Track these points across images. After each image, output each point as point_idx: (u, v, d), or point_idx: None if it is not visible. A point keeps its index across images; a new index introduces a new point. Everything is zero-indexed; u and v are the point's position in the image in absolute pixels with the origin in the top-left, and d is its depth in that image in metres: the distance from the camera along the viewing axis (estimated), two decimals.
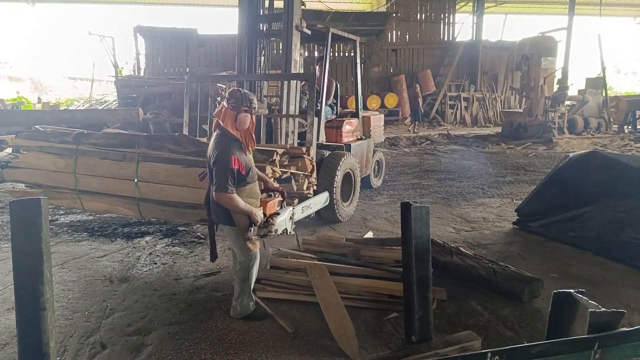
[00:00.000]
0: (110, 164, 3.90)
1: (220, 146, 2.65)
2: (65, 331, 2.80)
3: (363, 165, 6.20)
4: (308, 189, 4.13)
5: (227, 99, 2.70)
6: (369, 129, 6.54)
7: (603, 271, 3.68)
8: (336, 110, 6.15)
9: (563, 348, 1.20)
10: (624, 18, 25.69)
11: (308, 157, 4.10)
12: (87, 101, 21.05)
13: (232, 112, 2.68)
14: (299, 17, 4.90)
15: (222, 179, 2.60)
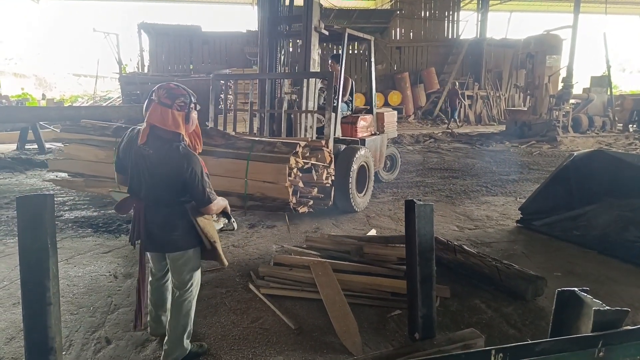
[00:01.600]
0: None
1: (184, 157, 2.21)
2: (71, 326, 2.82)
3: (377, 159, 6.46)
4: (327, 178, 4.43)
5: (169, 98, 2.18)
6: (383, 125, 6.82)
7: (607, 270, 3.68)
8: (352, 107, 6.39)
9: (567, 346, 1.20)
10: (629, 16, 25.51)
11: (327, 150, 4.42)
12: (91, 98, 21.13)
13: (180, 112, 2.20)
14: (317, 19, 5.15)
15: (206, 189, 2.28)
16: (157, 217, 2.29)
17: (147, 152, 2.21)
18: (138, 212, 2.31)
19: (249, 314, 2.97)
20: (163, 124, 2.18)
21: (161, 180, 2.23)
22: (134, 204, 2.32)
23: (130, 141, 2.31)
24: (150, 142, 2.21)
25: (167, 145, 2.21)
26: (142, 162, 2.24)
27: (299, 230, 4.75)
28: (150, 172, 2.23)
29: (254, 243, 4.38)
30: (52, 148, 11.13)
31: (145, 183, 2.26)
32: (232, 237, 4.55)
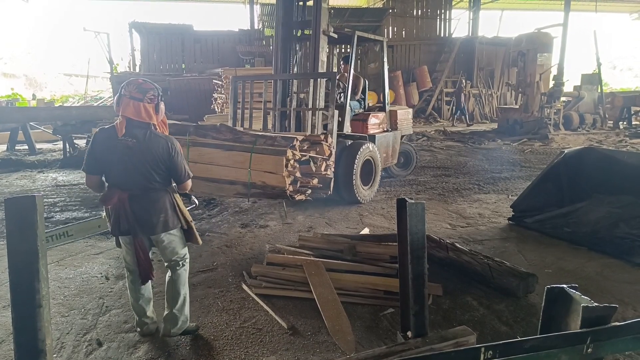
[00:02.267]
0: None
1: (165, 138, 2.50)
2: (62, 328, 2.80)
3: (389, 154, 6.77)
4: (326, 170, 4.75)
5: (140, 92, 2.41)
6: (396, 122, 7.01)
7: (597, 266, 3.71)
8: (364, 105, 6.73)
9: (556, 342, 1.21)
10: (619, 14, 25.74)
11: (326, 144, 4.70)
12: (82, 97, 20.96)
13: (151, 104, 2.45)
14: (326, 23, 5.49)
15: (185, 166, 2.58)
16: (144, 202, 2.48)
17: (131, 142, 2.41)
18: (123, 203, 2.45)
19: (241, 314, 2.97)
20: (137, 116, 2.41)
21: (150, 165, 2.44)
22: (117, 195, 2.45)
23: (106, 140, 2.45)
24: (129, 134, 2.41)
25: (148, 132, 2.45)
26: (128, 153, 2.40)
27: (292, 230, 4.75)
28: (138, 160, 2.42)
29: (247, 243, 4.37)
30: (43, 149, 11.03)
31: (133, 172, 2.43)
32: (225, 236, 4.55)
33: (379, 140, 6.34)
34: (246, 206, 5.75)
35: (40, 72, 31.98)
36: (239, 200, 6.05)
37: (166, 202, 2.54)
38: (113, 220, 2.52)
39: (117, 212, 2.48)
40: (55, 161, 9.29)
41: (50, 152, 10.60)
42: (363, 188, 5.83)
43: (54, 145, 11.62)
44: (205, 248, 4.21)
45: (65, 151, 9.40)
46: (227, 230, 4.76)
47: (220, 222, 5.06)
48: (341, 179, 5.55)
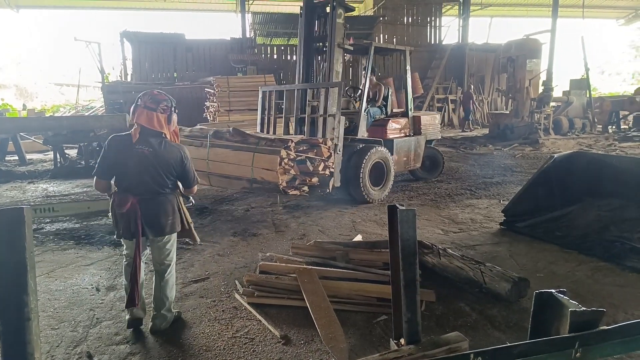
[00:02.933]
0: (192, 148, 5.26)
1: (178, 147, 2.76)
2: (52, 341, 2.77)
3: (410, 158, 7.10)
4: (324, 170, 5.25)
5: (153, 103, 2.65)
6: (420, 127, 7.25)
7: (588, 270, 3.74)
8: (385, 111, 7.08)
9: (544, 347, 1.21)
10: (606, 20, 26.14)
11: (325, 146, 5.23)
12: (73, 107, 20.85)
13: (163, 114, 2.67)
14: (341, 37, 5.96)
15: (194, 173, 2.88)
16: (154, 206, 2.68)
17: (147, 151, 2.62)
18: (134, 207, 2.62)
19: (234, 323, 2.95)
20: (149, 125, 2.62)
21: (163, 171, 2.65)
22: (130, 200, 2.62)
23: (120, 147, 2.65)
24: (143, 142, 2.62)
25: (163, 142, 2.67)
26: (143, 160, 2.61)
27: (284, 238, 4.74)
28: (153, 167, 2.62)
29: (239, 251, 4.35)
30: (33, 159, 10.94)
31: (146, 178, 2.63)
32: (217, 245, 4.52)
33: (397, 144, 6.74)
34: (238, 214, 5.74)
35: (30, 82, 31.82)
36: (231, 209, 6.04)
37: (173, 205, 2.76)
38: (124, 224, 2.67)
39: (127, 216, 2.63)
40: (45, 172, 9.21)
41: (41, 163, 10.52)
42: (372, 188, 6.20)
43: (45, 156, 11.53)
44: (198, 257, 4.18)
45: (56, 161, 9.33)
46: (219, 239, 4.74)
47: (213, 230, 5.04)
48: (351, 179, 6.00)
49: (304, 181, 5.12)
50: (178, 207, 2.81)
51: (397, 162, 6.79)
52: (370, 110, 6.81)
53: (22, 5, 19.34)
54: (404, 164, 7.04)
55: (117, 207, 2.64)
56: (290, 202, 6.37)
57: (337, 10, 5.86)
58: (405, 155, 6.98)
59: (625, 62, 37.37)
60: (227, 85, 10.75)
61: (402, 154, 6.92)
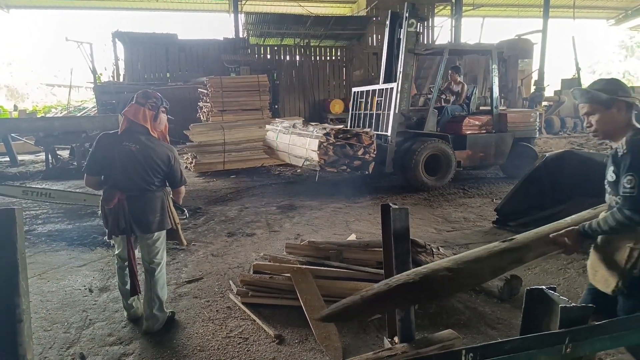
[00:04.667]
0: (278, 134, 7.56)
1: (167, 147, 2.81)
2: (45, 342, 2.75)
3: (489, 154, 7.46)
4: (364, 155, 6.38)
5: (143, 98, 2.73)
6: (506, 124, 7.46)
7: (579, 267, 3.77)
8: (467, 109, 7.60)
9: (535, 343, 1.23)
10: (596, 20, 26.37)
11: (367, 135, 6.40)
12: (65, 108, 20.69)
13: (151, 111, 2.73)
14: (412, 44, 6.82)
15: (182, 173, 2.91)
16: (141, 203, 2.70)
17: (134, 148, 2.65)
18: (122, 203, 2.66)
19: (228, 323, 2.95)
20: (135, 118, 2.68)
21: (150, 169, 2.68)
22: (117, 196, 2.65)
23: (109, 144, 2.69)
24: (131, 139, 2.67)
25: (149, 139, 2.70)
26: (130, 157, 2.64)
27: (279, 238, 4.74)
28: (140, 164, 2.65)
29: (233, 252, 4.35)
30: (25, 160, 10.85)
31: (133, 175, 2.65)
32: (211, 246, 4.52)
33: (471, 140, 7.27)
34: (232, 215, 5.73)
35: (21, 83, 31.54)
36: (225, 209, 6.03)
37: (160, 203, 2.77)
38: (112, 220, 2.69)
39: (116, 212, 2.67)
40: (37, 173, 9.14)
41: (33, 164, 10.42)
42: (427, 177, 6.88)
43: (36, 157, 11.43)
44: (191, 258, 4.18)
45: (48, 163, 9.26)
46: (213, 239, 4.73)
47: (207, 231, 5.03)
48: (407, 167, 6.81)
49: (348, 163, 6.35)
50: (166, 205, 2.83)
51: (469, 157, 7.30)
52: (448, 107, 7.49)
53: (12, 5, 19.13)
54: (479, 160, 7.43)
55: (105, 203, 2.68)
56: (284, 202, 6.38)
57: (409, 20, 6.72)
58: (482, 150, 7.37)
59: (615, 62, 37.78)
60: (221, 86, 10.70)
61: (477, 150, 7.33)
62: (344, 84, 18.07)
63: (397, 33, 7.25)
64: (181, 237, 3.05)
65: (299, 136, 6.79)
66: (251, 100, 10.89)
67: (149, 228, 2.74)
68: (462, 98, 7.62)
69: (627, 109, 1.86)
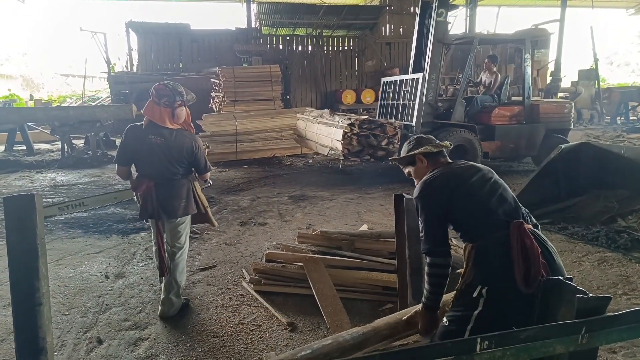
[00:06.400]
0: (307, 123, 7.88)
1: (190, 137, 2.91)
2: (62, 326, 2.81)
3: (520, 146, 7.33)
4: (388, 145, 6.41)
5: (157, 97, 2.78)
6: (538, 115, 7.33)
7: (594, 260, 3.73)
8: (498, 99, 7.47)
9: (551, 332, 1.22)
10: (615, 9, 25.75)
11: (391, 126, 6.48)
12: (79, 98, 20.91)
13: (166, 109, 2.79)
14: (441, 33, 6.76)
15: (207, 160, 3.05)
16: (168, 190, 2.85)
17: (158, 140, 2.78)
18: (150, 190, 2.82)
19: (241, 310, 2.98)
20: (152, 117, 2.80)
21: (175, 159, 2.81)
22: (146, 183, 2.82)
23: (136, 136, 2.84)
24: (156, 132, 2.79)
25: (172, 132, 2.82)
26: (155, 149, 2.78)
27: (290, 227, 4.76)
28: (164, 155, 2.78)
29: (245, 241, 4.38)
30: (41, 149, 11.02)
31: (159, 164, 2.79)
32: (224, 234, 4.56)
33: (500, 131, 7.13)
34: (244, 204, 5.76)
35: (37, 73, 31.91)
36: (237, 199, 6.06)
37: (186, 189, 2.92)
38: (141, 205, 2.88)
39: (145, 198, 2.85)
40: (53, 161, 9.28)
41: (49, 153, 10.59)
42: None
43: (52, 146, 11.62)
44: (205, 246, 4.22)
45: (64, 151, 9.40)
46: (226, 228, 4.77)
47: (219, 220, 5.07)
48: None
49: (372, 153, 6.39)
50: (192, 191, 2.96)
51: (499, 148, 7.19)
52: (478, 98, 7.39)
53: None
54: (510, 151, 7.32)
55: (134, 189, 2.90)
56: (296, 192, 6.39)
57: (438, 9, 6.63)
58: (512, 142, 7.24)
59: (634, 53, 36.85)
60: (233, 76, 10.71)
61: (507, 141, 7.20)
62: (356, 74, 17.96)
63: (426, 23, 7.17)
64: (211, 219, 3.18)
65: (325, 126, 6.89)
66: (263, 90, 10.88)
67: (174, 213, 2.88)
68: (494, 88, 7.53)
69: (426, 157, 2.13)
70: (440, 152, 2.16)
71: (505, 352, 1.20)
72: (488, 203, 1.84)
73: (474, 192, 1.87)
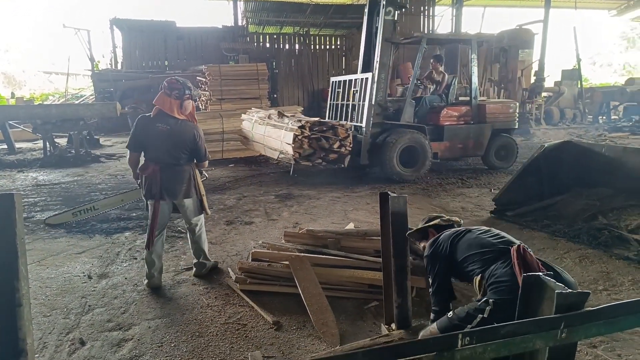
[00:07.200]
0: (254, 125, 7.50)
1: (194, 127, 3.24)
2: (44, 328, 2.77)
3: (468, 146, 7.38)
4: (339, 147, 6.27)
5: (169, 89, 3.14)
6: (485, 115, 7.37)
7: (576, 257, 3.80)
8: (446, 99, 7.45)
9: (531, 328, 1.24)
10: (598, 10, 26.19)
11: (342, 128, 6.29)
12: (62, 95, 20.57)
13: (176, 100, 3.15)
14: (389, 32, 6.65)
15: (206, 150, 3.35)
16: (172, 174, 3.20)
17: (164, 128, 3.12)
18: (155, 173, 3.16)
19: (226, 310, 2.97)
20: (163, 107, 3.15)
21: (178, 146, 3.16)
22: (152, 167, 3.16)
23: (145, 125, 3.17)
24: (163, 121, 3.13)
25: (178, 122, 3.16)
26: (161, 136, 3.12)
27: (277, 226, 4.75)
28: (169, 142, 3.13)
29: (231, 240, 4.36)
30: (23, 148, 10.82)
31: (164, 150, 3.14)
32: (210, 234, 4.52)
33: (449, 131, 7.13)
34: (231, 203, 5.74)
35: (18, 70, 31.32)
36: (223, 198, 6.03)
37: (188, 175, 3.26)
38: (146, 187, 3.21)
39: (150, 180, 3.18)
40: (35, 160, 9.12)
41: (31, 152, 10.40)
42: (402, 169, 6.79)
43: (34, 145, 11.41)
44: (190, 246, 4.18)
45: (46, 150, 9.23)
46: (212, 227, 4.74)
47: (205, 219, 5.03)
48: (382, 159, 6.68)
49: (324, 156, 6.24)
50: (193, 177, 3.31)
51: (448, 148, 7.19)
52: (427, 98, 7.36)
53: None
54: (458, 151, 7.33)
55: (142, 171, 3.20)
56: (283, 191, 6.38)
57: (386, 7, 6.49)
58: (460, 142, 7.26)
59: (616, 53, 37.58)
60: (219, 74, 10.66)
61: (456, 141, 7.21)
62: (343, 73, 17.96)
63: (375, 21, 7.02)
64: (205, 207, 3.46)
65: (274, 128, 6.60)
66: (250, 89, 10.86)
67: (175, 195, 3.23)
68: (442, 88, 7.49)
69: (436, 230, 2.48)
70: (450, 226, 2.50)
71: (486, 348, 1.21)
72: (488, 239, 2.16)
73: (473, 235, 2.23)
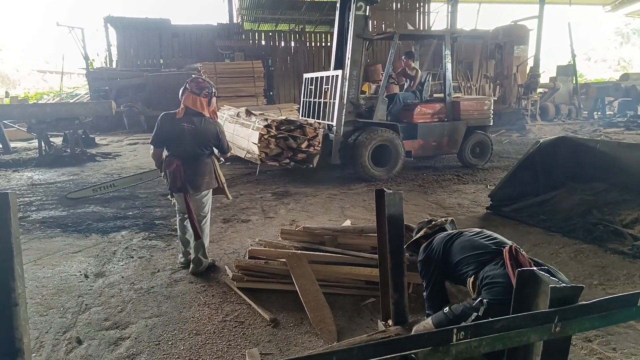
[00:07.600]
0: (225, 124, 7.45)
1: (215, 123, 3.47)
2: (41, 327, 2.76)
3: (442, 143, 7.28)
4: (307, 147, 6.12)
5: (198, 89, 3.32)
6: (459, 112, 7.27)
7: (572, 252, 3.83)
8: (420, 96, 7.34)
9: (525, 322, 1.25)
10: (593, 6, 26.25)
11: (311, 127, 6.16)
12: (57, 94, 20.46)
13: (205, 98, 3.35)
14: (360, 28, 6.46)
15: (228, 143, 3.62)
16: (194, 168, 3.39)
17: (189, 127, 3.31)
18: (179, 168, 3.33)
19: (223, 307, 2.97)
20: (194, 107, 3.34)
21: (202, 142, 3.38)
22: (176, 162, 3.34)
23: (169, 122, 3.35)
24: (187, 120, 3.32)
25: (203, 120, 3.37)
26: (185, 133, 3.31)
27: (274, 224, 4.76)
28: (194, 139, 3.33)
29: (228, 237, 4.36)
30: (17, 147, 10.76)
31: (188, 147, 3.33)
32: None
33: (422, 128, 7.03)
34: (227, 201, 5.73)
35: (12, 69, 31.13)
36: (219, 196, 6.01)
37: (209, 167, 3.49)
38: (171, 180, 3.40)
39: (174, 174, 3.35)
40: (30, 160, 9.07)
41: (25, 151, 10.35)
42: (374, 168, 6.69)
43: (29, 144, 11.35)
44: None
45: (41, 149, 9.19)
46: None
47: None
48: (354, 158, 6.57)
49: (292, 156, 6.07)
50: (214, 169, 3.54)
51: (422, 146, 7.10)
52: (400, 95, 7.25)
53: None
54: (433, 149, 7.25)
55: (167, 167, 3.38)
56: (279, 189, 6.38)
57: (357, 2, 6.34)
58: (434, 140, 7.17)
59: (611, 49, 37.74)
60: (215, 72, 10.64)
61: (430, 139, 7.12)
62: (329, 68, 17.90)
63: (346, 17, 6.84)
64: (226, 192, 3.74)
65: (242, 126, 6.44)
66: (246, 86, 10.84)
67: (199, 188, 3.43)
68: (415, 84, 7.40)
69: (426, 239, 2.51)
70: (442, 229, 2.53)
71: (481, 342, 1.22)
72: (480, 241, 2.21)
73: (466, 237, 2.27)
